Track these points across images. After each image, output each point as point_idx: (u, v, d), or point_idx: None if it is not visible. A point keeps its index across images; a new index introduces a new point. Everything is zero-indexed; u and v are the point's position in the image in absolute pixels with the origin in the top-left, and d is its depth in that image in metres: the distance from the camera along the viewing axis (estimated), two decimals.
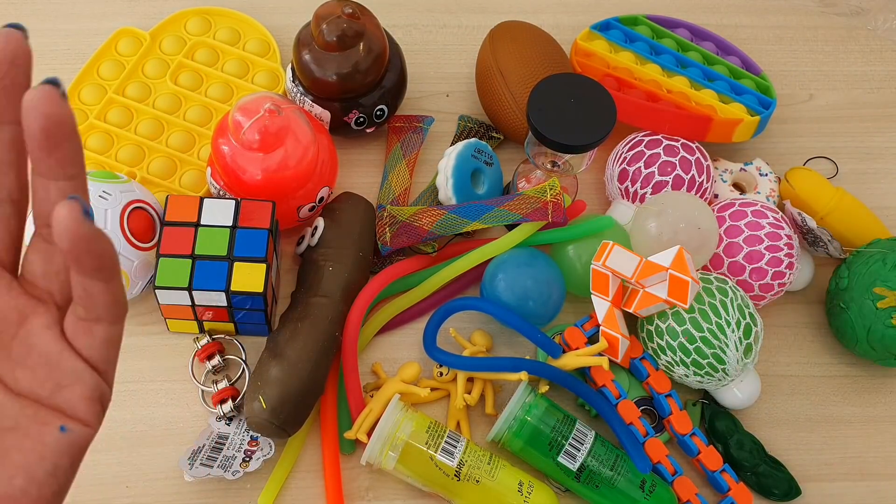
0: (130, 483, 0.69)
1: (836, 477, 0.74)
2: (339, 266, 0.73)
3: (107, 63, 0.85)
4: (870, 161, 0.90)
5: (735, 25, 0.97)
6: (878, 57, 0.96)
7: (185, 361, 0.74)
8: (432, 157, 0.85)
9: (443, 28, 0.94)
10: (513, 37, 0.83)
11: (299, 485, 0.70)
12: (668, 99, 0.82)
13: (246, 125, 0.69)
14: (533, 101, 0.71)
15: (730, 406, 0.73)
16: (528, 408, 0.69)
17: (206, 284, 0.68)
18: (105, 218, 0.68)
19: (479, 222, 0.74)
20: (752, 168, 0.83)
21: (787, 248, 0.74)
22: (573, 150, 0.72)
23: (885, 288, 0.72)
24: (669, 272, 0.68)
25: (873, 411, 0.77)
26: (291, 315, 0.71)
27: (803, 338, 0.80)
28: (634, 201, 0.79)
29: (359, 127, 0.80)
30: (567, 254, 0.75)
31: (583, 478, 0.68)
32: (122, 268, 0.69)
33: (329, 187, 0.77)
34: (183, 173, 0.80)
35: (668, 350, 0.70)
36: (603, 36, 0.88)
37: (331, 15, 0.75)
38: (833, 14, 0.99)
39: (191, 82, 0.85)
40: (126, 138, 0.81)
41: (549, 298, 0.72)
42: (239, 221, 0.70)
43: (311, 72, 0.76)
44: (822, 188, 0.79)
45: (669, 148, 0.78)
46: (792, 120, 0.91)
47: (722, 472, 0.70)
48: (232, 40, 0.88)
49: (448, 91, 0.90)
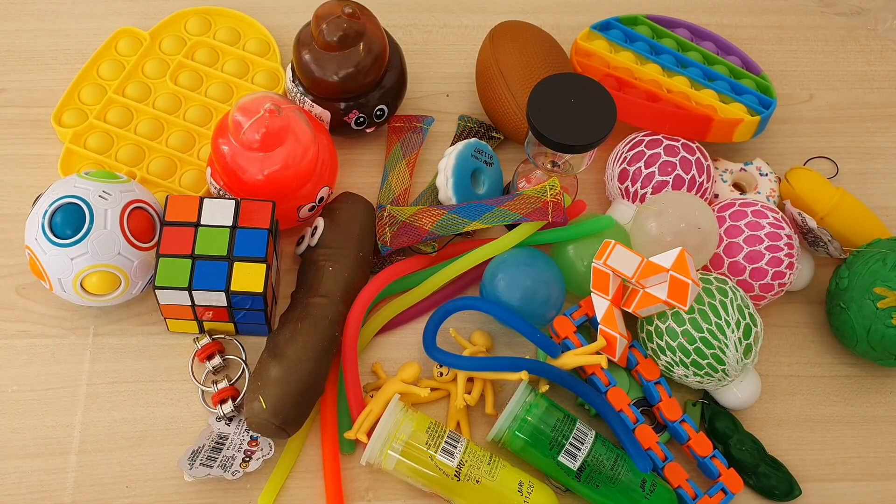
0: (130, 483, 0.69)
1: (836, 477, 0.74)
2: (338, 266, 0.73)
3: (107, 63, 0.85)
4: (870, 161, 0.90)
5: (735, 25, 0.97)
6: (878, 57, 0.96)
7: (185, 361, 0.74)
8: (432, 157, 0.85)
9: (443, 28, 0.94)
10: (513, 37, 0.83)
11: (299, 485, 0.70)
12: (669, 99, 0.82)
13: (246, 125, 0.69)
14: (533, 101, 0.71)
15: (730, 406, 0.73)
16: (529, 407, 0.69)
17: (206, 284, 0.68)
18: (105, 218, 0.68)
19: (479, 222, 0.74)
20: (752, 168, 0.83)
21: (788, 248, 0.74)
22: (573, 150, 0.72)
23: (885, 288, 0.72)
24: (670, 273, 0.68)
25: (873, 411, 0.77)
26: (291, 315, 0.71)
27: (803, 338, 0.80)
28: (635, 201, 0.79)
29: (359, 127, 0.80)
30: (567, 254, 0.75)
31: (583, 477, 0.68)
32: (121, 268, 0.69)
33: (329, 187, 0.77)
34: (183, 173, 0.80)
35: (667, 350, 0.70)
36: (603, 36, 0.88)
37: (331, 15, 0.75)
38: (833, 14, 0.99)
39: (191, 82, 0.85)
40: (126, 138, 0.81)
41: (549, 298, 0.72)
42: (239, 221, 0.70)
43: (311, 72, 0.76)
44: (823, 188, 0.79)
45: (670, 148, 0.78)
46: (792, 120, 0.91)
47: (712, 458, 0.70)
48: (232, 40, 0.88)
49: (448, 91, 0.89)
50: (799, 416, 0.76)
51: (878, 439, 0.76)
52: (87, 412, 0.71)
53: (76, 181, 0.70)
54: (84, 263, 0.68)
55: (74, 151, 0.80)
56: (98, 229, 0.68)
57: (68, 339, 0.74)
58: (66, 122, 0.82)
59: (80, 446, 0.70)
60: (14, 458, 0.69)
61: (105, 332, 0.75)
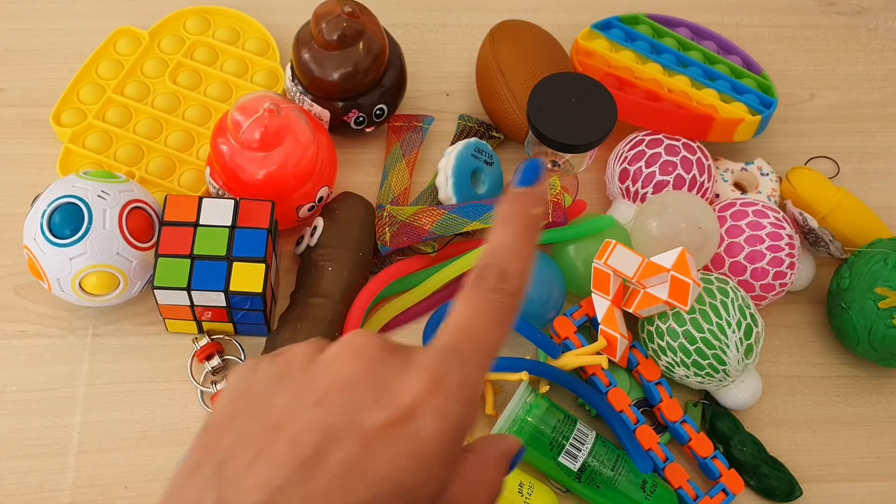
0: (130, 484, 0.69)
1: (837, 477, 0.74)
2: (338, 266, 0.73)
3: (105, 62, 0.85)
4: (871, 161, 0.90)
5: (736, 25, 0.96)
6: (879, 56, 0.96)
7: (184, 362, 0.73)
8: (432, 156, 0.85)
9: (443, 27, 0.93)
10: (513, 36, 0.82)
11: None
12: (669, 98, 0.81)
13: (245, 124, 0.68)
14: (533, 101, 0.71)
15: (731, 406, 0.73)
16: (529, 408, 0.69)
17: (205, 284, 0.68)
18: (104, 218, 0.68)
19: (479, 222, 0.74)
20: (753, 168, 0.83)
21: (789, 248, 0.73)
22: (573, 150, 0.72)
23: (886, 288, 0.71)
24: (671, 273, 0.67)
25: (874, 412, 0.77)
26: (291, 315, 0.71)
27: (804, 338, 0.80)
28: (635, 201, 0.78)
29: (358, 126, 0.80)
30: (567, 254, 0.75)
31: (584, 478, 0.68)
32: (120, 268, 0.69)
33: (328, 187, 0.76)
34: (182, 173, 0.80)
35: (668, 351, 0.69)
36: (604, 35, 0.87)
37: (330, 14, 0.74)
38: (834, 13, 0.99)
39: (190, 81, 0.85)
40: (125, 138, 0.81)
41: (549, 298, 0.72)
42: (238, 221, 0.70)
43: (310, 71, 0.76)
44: (824, 188, 0.79)
45: (670, 147, 0.77)
46: (793, 119, 0.91)
47: (713, 459, 0.70)
48: (231, 39, 0.88)
49: (448, 90, 0.89)
50: (800, 417, 0.76)
51: (879, 440, 0.76)
52: (86, 412, 0.71)
53: (75, 181, 0.70)
54: (83, 263, 0.68)
55: (73, 151, 0.80)
56: (97, 229, 0.68)
57: (67, 339, 0.74)
58: (65, 121, 0.82)
59: (79, 447, 0.70)
60: (13, 459, 0.69)
61: (104, 332, 0.74)
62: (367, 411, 0.28)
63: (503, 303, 0.31)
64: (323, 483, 0.27)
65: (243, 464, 0.28)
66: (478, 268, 0.31)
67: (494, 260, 0.31)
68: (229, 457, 0.29)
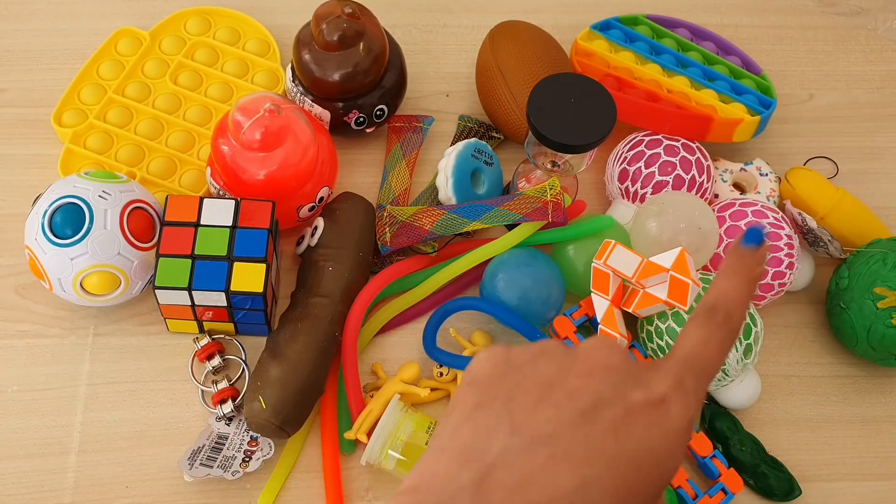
0: (130, 483, 0.69)
1: (836, 477, 0.74)
2: (338, 266, 0.73)
3: (106, 63, 0.85)
4: (870, 161, 0.90)
5: (735, 25, 0.96)
6: (878, 57, 0.96)
7: (184, 361, 0.74)
8: (432, 157, 0.85)
9: (443, 28, 0.94)
10: (513, 36, 0.83)
11: (299, 485, 0.70)
12: (669, 99, 0.82)
13: (246, 125, 0.69)
14: (533, 101, 0.71)
15: (730, 406, 0.73)
16: None
17: (206, 284, 0.68)
18: (105, 218, 0.68)
19: (479, 222, 0.74)
20: (752, 168, 0.83)
21: (788, 248, 0.74)
22: (573, 150, 0.72)
23: (885, 288, 0.72)
24: (670, 273, 0.67)
25: (873, 411, 0.77)
26: (291, 315, 0.71)
27: (804, 338, 0.80)
28: (635, 201, 0.79)
29: (359, 127, 0.80)
30: (567, 254, 0.75)
31: None
32: (121, 268, 0.69)
33: (329, 187, 0.77)
34: (183, 173, 0.80)
35: (667, 351, 0.70)
36: (603, 36, 0.88)
37: (331, 15, 0.75)
38: (833, 14, 0.99)
39: (190, 82, 0.85)
40: (126, 138, 0.81)
41: (549, 298, 0.72)
42: (239, 221, 0.70)
43: (310, 71, 0.76)
44: (823, 188, 0.79)
45: (670, 148, 0.78)
46: (792, 120, 0.91)
47: (712, 458, 0.70)
48: (232, 40, 0.88)
49: (448, 91, 0.89)
50: (799, 416, 0.76)
51: (878, 439, 0.76)
52: (87, 412, 0.71)
53: (76, 181, 0.70)
54: (84, 263, 0.68)
55: (74, 151, 0.80)
56: (98, 229, 0.68)
57: (68, 339, 0.74)
58: (66, 121, 0.82)
59: (79, 446, 0.70)
60: (14, 458, 0.69)
61: (105, 332, 0.75)
62: (629, 389, 0.35)
63: (726, 337, 0.37)
64: (600, 430, 0.33)
65: (529, 404, 0.34)
66: (707, 305, 0.38)
67: (724, 303, 0.38)
68: (513, 398, 0.35)
